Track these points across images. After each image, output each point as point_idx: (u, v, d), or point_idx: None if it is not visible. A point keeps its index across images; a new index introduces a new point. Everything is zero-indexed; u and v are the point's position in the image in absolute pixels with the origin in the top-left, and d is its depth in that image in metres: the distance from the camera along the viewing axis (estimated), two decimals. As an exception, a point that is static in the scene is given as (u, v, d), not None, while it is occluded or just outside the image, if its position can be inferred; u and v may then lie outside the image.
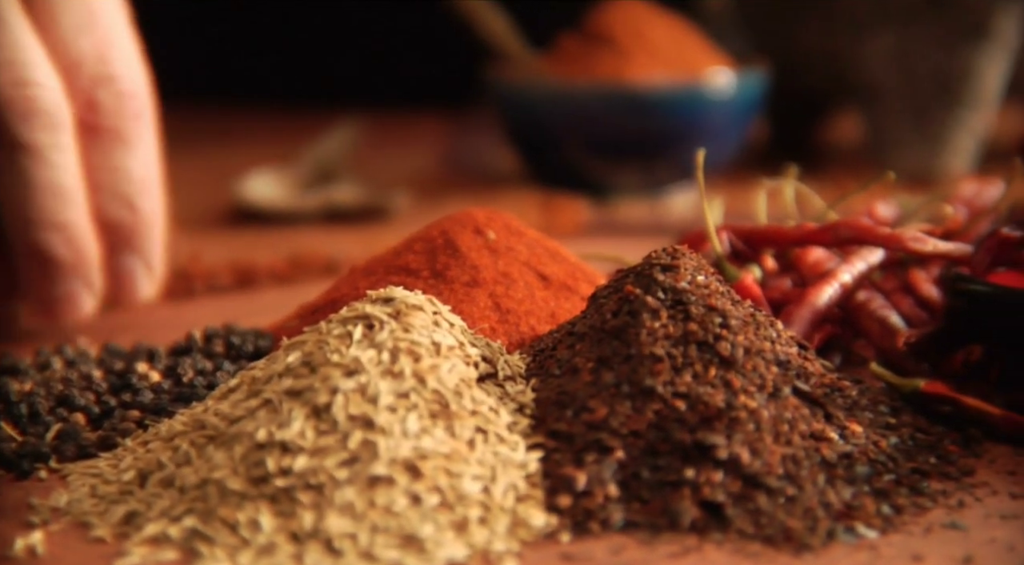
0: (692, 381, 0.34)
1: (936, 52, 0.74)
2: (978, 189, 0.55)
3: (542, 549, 0.31)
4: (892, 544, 0.31)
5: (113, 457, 0.35)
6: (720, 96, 0.72)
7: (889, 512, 0.33)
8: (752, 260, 0.48)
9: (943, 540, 0.31)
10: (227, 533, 0.30)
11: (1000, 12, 0.74)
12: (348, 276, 0.46)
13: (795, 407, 0.35)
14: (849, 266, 0.45)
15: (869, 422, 0.37)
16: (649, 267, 0.37)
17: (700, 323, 0.35)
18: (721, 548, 0.31)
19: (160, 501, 0.32)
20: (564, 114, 0.72)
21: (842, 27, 0.77)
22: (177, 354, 0.43)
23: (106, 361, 0.42)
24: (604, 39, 0.74)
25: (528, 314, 0.43)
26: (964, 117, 0.75)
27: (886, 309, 0.44)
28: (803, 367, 0.36)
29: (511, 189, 0.75)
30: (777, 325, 0.38)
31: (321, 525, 0.30)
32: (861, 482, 0.34)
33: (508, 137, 0.77)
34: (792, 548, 0.31)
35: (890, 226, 0.51)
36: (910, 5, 0.75)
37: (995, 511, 0.33)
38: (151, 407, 0.38)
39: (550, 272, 0.44)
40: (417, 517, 0.30)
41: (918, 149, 0.76)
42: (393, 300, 0.36)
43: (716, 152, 0.73)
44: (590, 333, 0.37)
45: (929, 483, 0.35)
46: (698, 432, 0.33)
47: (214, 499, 0.31)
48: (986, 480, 0.35)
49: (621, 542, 0.31)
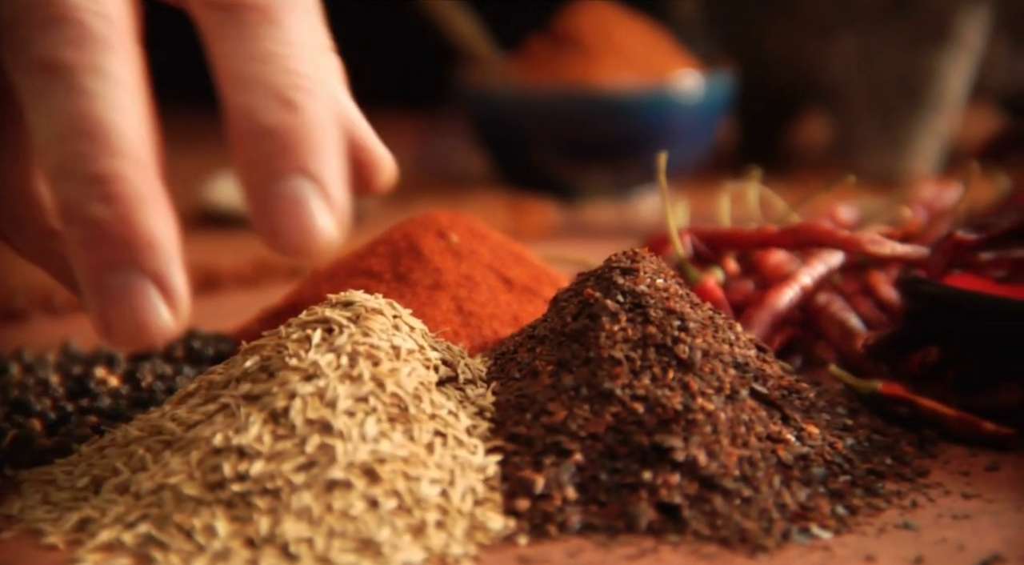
0: (650, 384, 0.34)
1: (899, 55, 0.75)
2: (938, 192, 0.55)
3: (499, 552, 0.31)
4: (846, 545, 0.32)
5: (68, 463, 0.35)
6: (688, 99, 0.72)
7: (844, 513, 0.33)
8: (715, 263, 0.48)
9: (896, 540, 0.32)
10: (182, 539, 0.30)
11: (963, 15, 0.74)
12: (311, 279, 0.46)
13: (752, 409, 0.35)
14: (809, 269, 0.45)
15: (826, 424, 0.37)
16: (609, 270, 0.37)
17: (659, 326, 0.36)
18: (677, 550, 0.31)
19: (115, 507, 0.32)
20: (532, 116, 0.72)
21: (807, 30, 0.78)
22: (137, 359, 0.43)
23: (64, 366, 0.42)
24: (572, 41, 0.74)
25: (491, 317, 0.43)
26: (928, 119, 0.76)
27: (846, 311, 0.45)
28: (761, 369, 0.37)
29: (480, 191, 0.75)
30: (736, 328, 0.38)
31: (277, 530, 0.30)
32: (817, 483, 0.34)
33: (476, 139, 0.78)
34: (747, 549, 0.31)
35: (851, 228, 0.52)
36: (873, 8, 0.75)
37: (947, 511, 0.33)
38: (108, 412, 0.37)
39: (513, 275, 0.45)
40: (374, 521, 0.30)
41: (883, 151, 0.77)
42: (353, 304, 0.36)
43: (684, 154, 0.73)
44: (550, 336, 0.37)
45: (884, 484, 0.35)
46: (656, 435, 0.33)
47: (169, 505, 0.31)
48: (940, 481, 0.35)
49: (578, 545, 0.31)
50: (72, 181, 0.28)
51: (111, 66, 0.29)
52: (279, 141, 0.29)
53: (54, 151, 0.28)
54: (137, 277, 0.28)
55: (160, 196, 0.29)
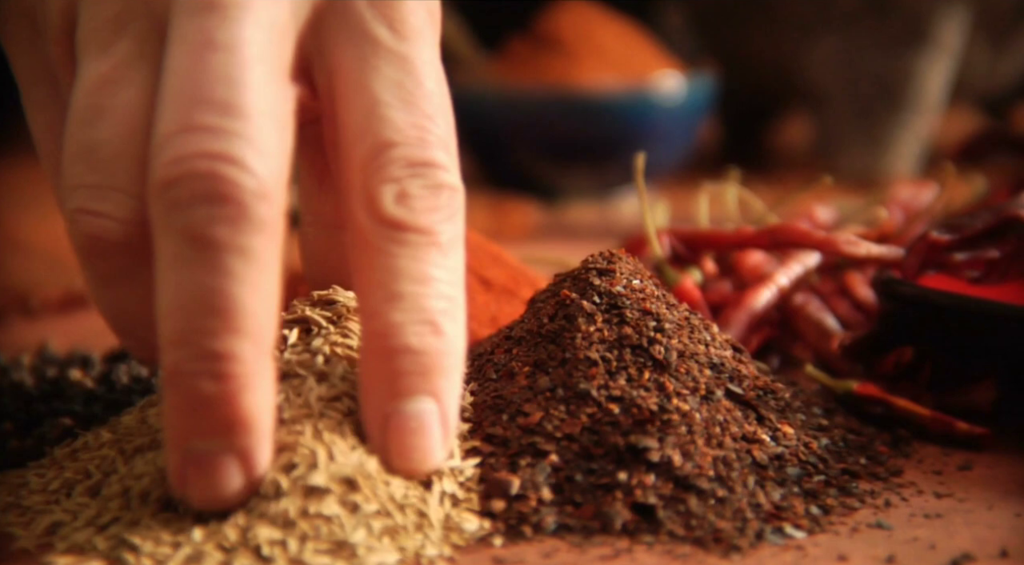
0: (626, 384, 0.35)
1: (879, 56, 0.75)
2: (914, 192, 0.55)
3: (474, 553, 0.31)
4: (819, 544, 0.32)
5: (40, 466, 0.35)
6: (669, 99, 0.73)
7: (817, 513, 0.33)
8: (693, 263, 0.48)
9: (868, 540, 0.32)
10: (153, 542, 0.30)
11: (941, 17, 0.75)
12: (290, 281, 0.46)
13: (728, 410, 0.35)
14: (786, 269, 0.46)
15: (801, 424, 0.37)
16: (585, 271, 0.37)
17: (635, 327, 0.36)
18: (651, 550, 0.31)
19: (86, 510, 0.31)
20: (513, 117, 0.72)
21: (788, 31, 0.78)
22: (112, 360, 0.42)
23: (39, 368, 0.42)
24: (553, 42, 0.74)
25: (469, 318, 0.43)
26: (907, 120, 0.76)
27: (822, 312, 0.45)
28: (737, 370, 0.37)
29: (461, 192, 0.75)
30: (712, 328, 0.38)
31: (249, 534, 0.30)
32: (791, 483, 0.34)
33: (458, 140, 0.77)
34: (721, 549, 0.31)
35: (828, 229, 0.52)
36: (853, 10, 0.76)
37: (920, 510, 0.34)
38: (82, 415, 0.37)
39: (491, 276, 0.45)
40: (350, 524, 0.30)
41: (863, 152, 0.77)
42: (335, 303, 0.35)
43: (665, 155, 0.73)
44: (527, 337, 0.37)
45: (858, 483, 0.35)
46: (631, 435, 0.34)
47: (140, 508, 0.31)
48: (913, 480, 0.36)
49: (553, 545, 0.31)
50: (187, 351, 0.28)
51: (258, 248, 0.29)
52: (420, 363, 0.31)
53: (176, 317, 0.28)
54: (225, 452, 0.29)
55: (271, 374, 0.29)
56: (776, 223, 0.47)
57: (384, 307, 0.31)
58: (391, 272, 0.31)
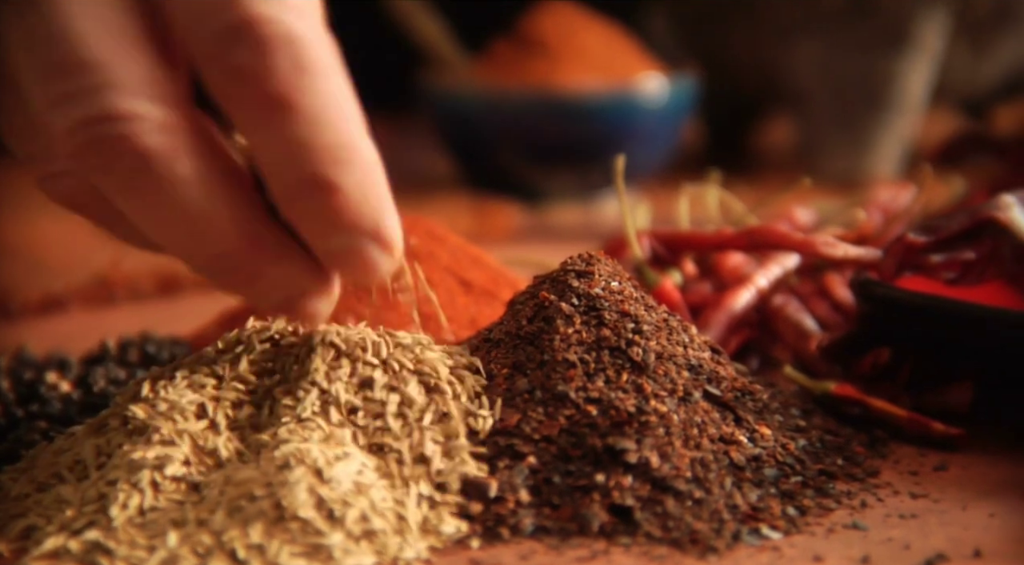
0: (604, 386, 0.35)
1: (860, 58, 0.76)
2: (893, 194, 0.56)
3: (452, 555, 0.31)
4: (795, 545, 0.32)
5: (15, 470, 0.34)
6: (652, 101, 0.73)
7: (794, 513, 0.33)
8: (673, 265, 0.48)
9: (844, 540, 0.32)
10: (128, 546, 0.30)
11: (922, 19, 0.75)
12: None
13: (705, 411, 0.35)
14: (765, 271, 0.46)
15: (779, 425, 0.37)
16: (564, 273, 0.37)
17: (613, 329, 0.36)
18: (628, 552, 0.31)
19: (61, 514, 0.31)
20: (496, 119, 0.72)
21: (769, 33, 0.78)
22: (90, 363, 0.42)
23: (16, 371, 0.42)
24: (536, 44, 0.74)
25: (449, 320, 0.43)
26: (889, 122, 0.77)
27: (801, 313, 0.45)
28: (715, 371, 0.37)
29: (444, 194, 0.75)
30: (691, 330, 0.38)
31: (225, 537, 0.30)
32: (768, 484, 0.34)
33: (441, 142, 0.78)
34: (698, 551, 0.31)
35: (808, 231, 0.52)
36: (834, 12, 0.76)
37: (895, 511, 0.34)
38: (59, 418, 0.37)
39: (472, 278, 0.45)
40: (327, 526, 0.30)
41: (845, 153, 0.77)
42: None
43: (648, 157, 0.73)
44: (506, 339, 0.37)
45: (835, 484, 0.35)
46: (609, 437, 0.34)
47: (117, 512, 0.31)
48: (889, 480, 0.36)
49: (531, 547, 0.31)
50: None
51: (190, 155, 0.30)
52: (324, 218, 0.31)
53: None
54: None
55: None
56: (756, 225, 0.47)
57: (269, 182, 0.32)
58: (257, 148, 0.31)
